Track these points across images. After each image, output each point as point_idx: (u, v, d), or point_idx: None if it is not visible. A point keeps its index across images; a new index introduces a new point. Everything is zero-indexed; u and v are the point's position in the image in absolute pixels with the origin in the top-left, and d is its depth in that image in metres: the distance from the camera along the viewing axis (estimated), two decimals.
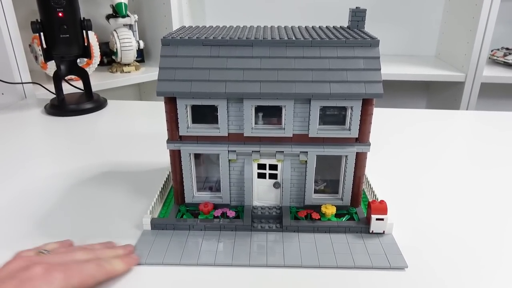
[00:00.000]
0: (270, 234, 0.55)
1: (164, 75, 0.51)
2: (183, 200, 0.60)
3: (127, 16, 1.47)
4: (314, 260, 0.51)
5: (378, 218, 0.54)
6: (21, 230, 0.57)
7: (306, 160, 0.55)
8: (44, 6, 0.99)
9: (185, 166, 0.56)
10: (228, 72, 0.52)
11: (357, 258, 0.51)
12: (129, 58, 1.51)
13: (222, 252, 0.52)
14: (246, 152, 0.56)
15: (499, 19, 1.48)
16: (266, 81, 0.52)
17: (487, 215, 0.61)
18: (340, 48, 0.52)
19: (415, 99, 2.03)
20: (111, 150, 0.85)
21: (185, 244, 0.53)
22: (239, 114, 0.54)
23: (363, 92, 0.51)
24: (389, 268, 0.49)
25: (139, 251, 0.51)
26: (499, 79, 1.58)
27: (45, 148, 0.87)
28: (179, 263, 0.50)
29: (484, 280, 0.48)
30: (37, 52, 1.31)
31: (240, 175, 0.57)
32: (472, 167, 0.77)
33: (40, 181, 0.71)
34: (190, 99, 0.52)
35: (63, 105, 1.08)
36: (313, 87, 0.51)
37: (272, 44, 0.53)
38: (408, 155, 0.82)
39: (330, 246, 0.53)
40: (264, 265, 0.50)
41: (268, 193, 0.59)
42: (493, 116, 1.04)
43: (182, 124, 0.54)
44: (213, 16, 1.92)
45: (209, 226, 0.56)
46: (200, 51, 0.52)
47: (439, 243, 0.54)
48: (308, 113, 0.53)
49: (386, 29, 1.89)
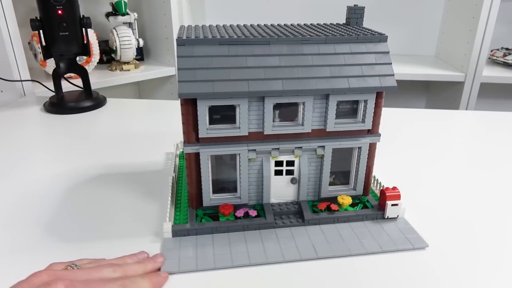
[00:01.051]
0: (293, 229, 0.56)
1: (184, 76, 0.50)
2: (199, 204, 0.58)
3: (127, 14, 1.47)
4: (344, 249, 0.52)
5: (393, 204, 0.57)
6: (30, 235, 0.56)
7: (323, 154, 0.57)
8: (43, 3, 0.98)
9: (204, 168, 0.55)
10: (249, 70, 0.51)
11: (382, 243, 0.53)
12: (129, 56, 1.51)
13: (254, 251, 0.51)
14: (265, 150, 0.56)
15: (499, 19, 1.49)
16: (287, 79, 0.52)
17: (488, 206, 0.63)
18: (352, 44, 0.54)
19: (414, 99, 2.03)
20: (110, 149, 0.84)
21: (214, 248, 0.52)
22: (258, 113, 0.54)
23: (379, 85, 0.53)
24: (412, 248, 0.53)
25: (167, 260, 0.50)
26: (498, 79, 1.58)
27: (45, 146, 0.87)
28: (214, 267, 0.49)
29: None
30: (36, 50, 1.31)
31: (257, 174, 0.57)
32: (471, 167, 0.77)
33: (42, 182, 0.71)
34: (211, 100, 0.51)
35: (62, 103, 1.08)
36: (332, 83, 0.53)
37: (288, 42, 0.53)
38: (407, 154, 0.82)
39: (353, 234, 0.55)
40: (299, 259, 0.50)
41: (284, 189, 0.59)
42: (493, 117, 1.04)
43: (202, 126, 0.52)
44: (212, 14, 1.90)
45: (232, 227, 0.55)
46: (218, 50, 0.51)
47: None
48: (325, 108, 0.54)
49: (386, 28, 1.88)
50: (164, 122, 0.99)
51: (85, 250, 0.52)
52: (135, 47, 1.51)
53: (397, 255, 0.52)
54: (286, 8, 1.85)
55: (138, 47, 1.54)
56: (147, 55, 1.75)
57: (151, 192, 0.66)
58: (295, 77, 0.52)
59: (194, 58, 0.51)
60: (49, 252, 0.52)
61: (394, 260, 0.51)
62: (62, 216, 0.60)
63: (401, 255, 0.52)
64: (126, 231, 0.56)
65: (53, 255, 0.51)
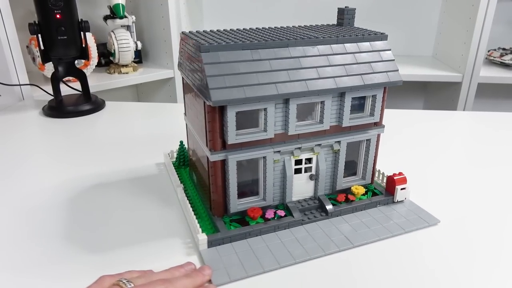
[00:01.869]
0: (319, 223, 0.58)
1: (215, 83, 0.49)
2: (224, 211, 0.58)
3: (125, 17, 1.45)
4: (373, 235, 0.56)
5: (402, 188, 0.63)
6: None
7: (339, 148, 0.60)
8: (41, 7, 0.98)
9: (232, 175, 0.54)
10: (274, 74, 0.52)
11: (402, 224, 0.58)
12: (127, 59, 1.49)
13: (293, 249, 0.53)
14: (288, 150, 0.57)
15: (495, 19, 1.50)
16: (310, 79, 0.54)
17: (488, 201, 0.67)
18: (360, 43, 0.58)
19: (412, 100, 2.04)
20: (110, 153, 0.84)
21: (254, 252, 0.52)
22: (281, 115, 0.55)
23: (387, 80, 0.58)
24: (428, 225, 0.58)
25: (214, 271, 0.49)
26: (496, 79, 1.58)
27: (44, 150, 0.86)
28: (263, 271, 0.49)
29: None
30: (34, 54, 1.30)
31: (280, 174, 0.58)
32: (468, 166, 0.78)
33: (43, 187, 0.70)
34: (240, 105, 0.51)
35: (61, 107, 1.07)
36: (349, 81, 0.55)
37: (304, 43, 0.55)
38: (404, 154, 0.83)
39: (374, 220, 0.59)
40: (337, 251, 0.53)
41: (304, 186, 0.61)
42: (490, 117, 1.05)
43: (231, 132, 0.52)
44: (210, 17, 1.85)
45: (265, 229, 0.56)
46: (242, 55, 0.51)
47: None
48: (339, 105, 0.57)
49: (384, 29, 1.88)
50: (164, 125, 1.00)
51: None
52: (133, 49, 1.50)
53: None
54: (282, 11, 1.86)
55: (136, 49, 1.53)
56: (146, 58, 1.73)
57: (159, 200, 0.66)
58: (317, 77, 0.54)
59: (221, 65, 0.50)
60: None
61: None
62: (71, 224, 0.59)
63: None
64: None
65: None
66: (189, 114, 0.64)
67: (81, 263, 0.51)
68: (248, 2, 1.86)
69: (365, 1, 1.83)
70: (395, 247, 0.54)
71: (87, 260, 0.52)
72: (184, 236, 0.56)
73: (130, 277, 0.44)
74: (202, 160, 0.59)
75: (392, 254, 0.53)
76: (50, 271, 0.50)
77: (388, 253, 0.53)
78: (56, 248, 0.54)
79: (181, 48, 0.61)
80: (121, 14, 1.42)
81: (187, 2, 1.70)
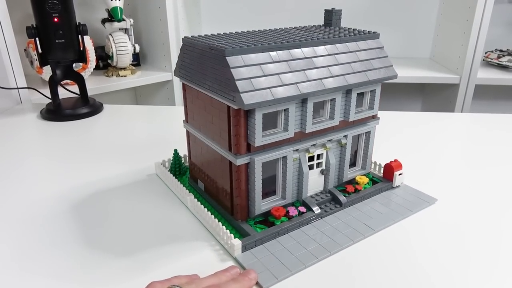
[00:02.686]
0: (336, 214, 0.61)
1: (244, 87, 0.48)
2: (247, 215, 0.58)
3: (123, 20, 1.46)
4: (388, 220, 0.60)
5: (399, 173, 0.68)
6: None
7: (346, 142, 0.63)
8: (39, 11, 0.97)
9: (258, 177, 0.54)
10: (294, 74, 0.53)
11: (408, 206, 0.63)
12: (125, 62, 1.49)
13: (325, 242, 0.55)
14: (304, 148, 0.59)
15: (492, 21, 1.51)
16: (324, 78, 0.56)
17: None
18: (358, 42, 0.61)
19: (410, 101, 2.05)
20: (108, 156, 0.84)
21: (289, 251, 0.53)
22: (299, 113, 0.56)
23: (386, 76, 0.62)
24: (429, 204, 0.64)
25: (258, 275, 0.49)
26: (493, 81, 1.58)
27: (42, 153, 0.86)
28: (305, 267, 0.50)
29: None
30: (32, 57, 1.30)
31: (297, 172, 0.60)
32: (465, 167, 0.79)
33: (42, 191, 0.69)
34: (267, 107, 0.51)
35: (59, 110, 1.06)
36: (357, 77, 0.59)
37: (314, 44, 0.57)
38: (403, 158, 0.81)
39: (382, 206, 0.64)
40: (362, 238, 0.56)
41: (316, 181, 0.63)
42: (487, 118, 1.06)
43: (258, 135, 0.52)
44: (208, 20, 1.79)
45: (291, 227, 0.57)
46: (262, 58, 0.51)
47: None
48: (346, 101, 0.60)
49: (381, 31, 1.87)
50: (161, 128, 1.00)
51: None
52: (132, 52, 1.50)
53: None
54: (279, 14, 1.87)
55: (135, 52, 1.52)
56: (144, 61, 1.73)
57: (165, 205, 0.65)
58: (330, 76, 0.56)
59: (246, 68, 0.50)
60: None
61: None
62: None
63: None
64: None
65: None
66: (195, 120, 0.63)
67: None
68: (246, 5, 1.86)
69: (363, 4, 1.84)
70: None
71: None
72: (202, 240, 0.56)
73: (180, 283, 0.43)
74: (218, 166, 0.58)
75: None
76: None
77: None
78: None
79: (184, 54, 0.60)
80: (119, 17, 1.42)
81: (185, 5, 1.69)
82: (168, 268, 0.51)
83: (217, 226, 0.55)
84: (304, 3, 1.86)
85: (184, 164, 0.75)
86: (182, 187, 0.65)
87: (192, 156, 0.67)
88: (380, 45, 0.63)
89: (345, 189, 0.65)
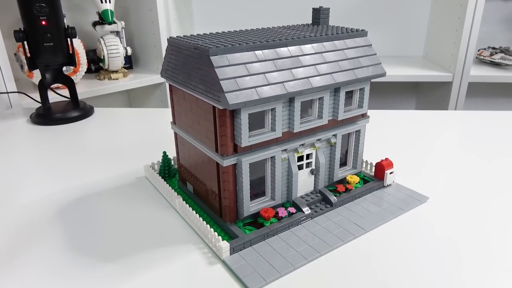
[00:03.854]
0: (326, 215, 0.60)
1: (228, 87, 0.48)
2: (236, 216, 0.57)
3: (114, 23, 1.45)
4: (379, 219, 0.59)
5: (391, 172, 0.68)
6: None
7: (335, 141, 0.62)
8: (26, 14, 0.97)
9: (245, 179, 0.54)
10: (280, 73, 0.52)
11: (400, 205, 0.63)
12: (117, 65, 1.49)
13: (315, 243, 0.54)
14: (293, 148, 0.58)
15: (485, 19, 1.53)
16: (312, 77, 0.55)
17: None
18: (346, 40, 0.61)
19: (404, 100, 2.05)
20: (98, 159, 0.83)
21: (278, 252, 0.52)
22: (286, 113, 0.55)
23: (375, 73, 0.61)
24: (420, 203, 0.64)
25: (247, 276, 0.48)
26: (486, 78, 1.58)
27: (32, 158, 0.85)
28: (294, 268, 0.50)
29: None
30: (22, 61, 1.30)
31: (286, 172, 0.59)
32: (457, 162, 0.79)
33: (36, 197, 0.68)
34: (252, 107, 0.50)
35: (49, 114, 1.06)
36: (345, 76, 0.58)
37: (300, 42, 0.56)
38: (396, 156, 0.83)
39: (373, 205, 0.63)
40: (353, 238, 0.56)
41: (305, 181, 0.63)
42: (480, 116, 1.06)
43: (244, 135, 0.51)
44: (200, 21, 1.79)
45: (280, 228, 0.56)
46: (247, 57, 0.51)
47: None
48: (334, 100, 0.60)
49: (374, 31, 1.90)
50: (152, 130, 0.99)
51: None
52: (123, 55, 1.49)
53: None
54: (270, 14, 1.88)
55: (126, 55, 1.52)
56: (136, 63, 1.73)
57: (154, 208, 0.64)
58: (317, 74, 0.55)
59: (230, 67, 0.49)
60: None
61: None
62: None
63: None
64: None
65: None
66: (182, 122, 0.62)
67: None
68: (238, 6, 1.87)
69: (356, 3, 1.84)
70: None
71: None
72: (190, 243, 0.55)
73: None
74: (206, 167, 0.57)
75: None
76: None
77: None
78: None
79: (170, 54, 0.59)
80: (109, 20, 1.41)
81: (176, 7, 1.69)
82: (155, 273, 0.50)
83: (205, 228, 0.54)
84: (297, 3, 1.85)
85: (174, 166, 0.74)
86: (171, 189, 0.64)
87: (181, 158, 0.66)
88: (368, 43, 0.63)
89: (335, 189, 0.64)
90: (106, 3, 1.39)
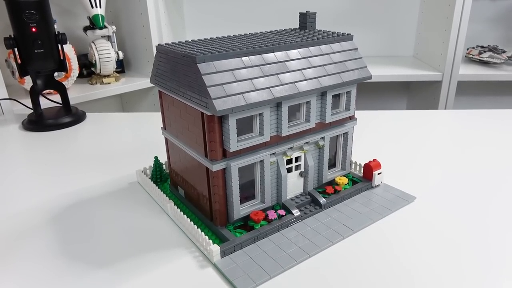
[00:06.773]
0: (316, 216, 0.62)
1: (216, 93, 0.49)
2: (226, 220, 0.58)
3: (105, 28, 1.45)
4: (367, 220, 0.61)
5: (379, 173, 0.69)
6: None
7: (323, 144, 0.63)
8: (16, 21, 0.97)
9: (234, 183, 0.55)
10: (267, 79, 0.53)
11: (387, 205, 0.64)
12: (108, 69, 1.49)
13: (304, 244, 0.55)
14: (281, 151, 0.59)
15: (473, 18, 1.54)
16: (298, 81, 0.56)
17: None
18: (332, 44, 0.62)
19: (396, 100, 2.06)
20: (90, 165, 0.83)
21: (268, 254, 0.53)
22: (274, 117, 0.56)
23: (361, 77, 0.63)
24: (408, 203, 0.65)
25: (238, 279, 0.49)
26: (475, 77, 1.60)
27: (24, 165, 0.85)
28: (284, 270, 0.51)
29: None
30: (13, 67, 1.30)
31: (275, 175, 0.60)
32: (447, 165, 0.80)
33: (28, 204, 0.69)
34: (240, 113, 0.51)
35: (40, 120, 1.06)
36: (331, 80, 0.59)
37: (287, 48, 0.57)
38: (385, 156, 0.84)
39: (361, 206, 0.64)
40: (342, 238, 0.57)
41: (295, 184, 0.64)
42: (469, 114, 1.07)
43: (233, 140, 0.52)
44: (192, 25, 1.80)
45: (270, 231, 0.57)
46: (234, 63, 0.52)
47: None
48: (322, 103, 0.61)
49: (364, 31, 1.91)
50: (144, 135, 0.99)
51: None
52: (115, 59, 1.49)
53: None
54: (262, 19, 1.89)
55: (118, 59, 1.52)
56: (128, 67, 1.73)
57: (146, 213, 0.65)
58: (304, 78, 0.57)
59: (218, 74, 0.50)
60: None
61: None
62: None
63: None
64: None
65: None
66: (172, 127, 0.63)
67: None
68: (230, 10, 1.87)
69: (344, 4, 1.86)
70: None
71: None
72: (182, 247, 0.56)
73: None
74: (197, 172, 0.58)
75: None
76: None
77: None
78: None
79: (159, 61, 0.60)
80: (100, 24, 1.41)
81: (167, 11, 1.69)
82: (147, 277, 0.50)
83: (196, 232, 0.55)
84: (288, 6, 1.87)
85: (165, 171, 0.75)
86: (162, 194, 0.65)
87: (172, 163, 0.67)
88: (354, 47, 0.64)
89: (325, 191, 0.65)
90: (96, 8, 1.39)
